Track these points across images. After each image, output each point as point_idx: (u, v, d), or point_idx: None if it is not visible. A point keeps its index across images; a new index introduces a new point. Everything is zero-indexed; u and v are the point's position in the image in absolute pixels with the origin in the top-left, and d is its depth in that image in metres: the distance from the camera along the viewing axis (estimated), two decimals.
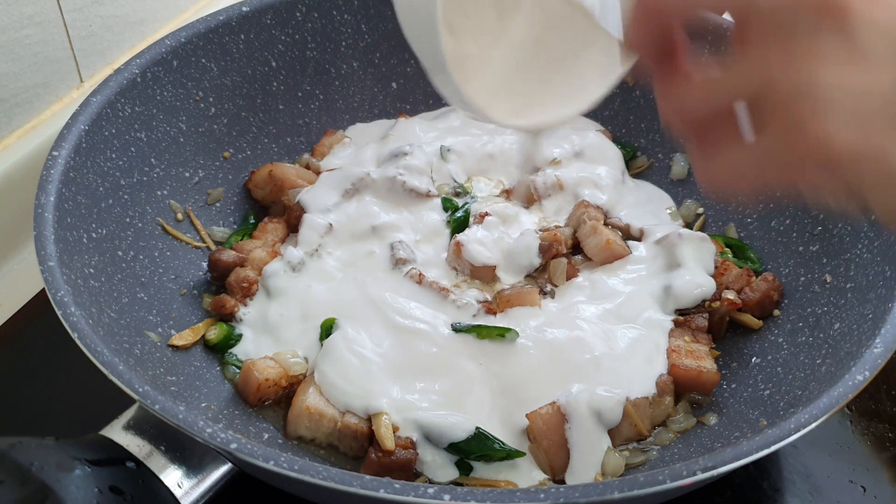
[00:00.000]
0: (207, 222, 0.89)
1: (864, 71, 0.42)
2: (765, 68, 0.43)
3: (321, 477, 0.54)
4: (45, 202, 0.71)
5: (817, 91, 0.42)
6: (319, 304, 0.79)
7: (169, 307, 0.80)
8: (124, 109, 0.82)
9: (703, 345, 0.78)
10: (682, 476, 0.55)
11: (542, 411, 0.70)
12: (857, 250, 0.76)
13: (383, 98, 1.02)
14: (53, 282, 0.66)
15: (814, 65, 0.42)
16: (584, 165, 0.92)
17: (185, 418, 0.58)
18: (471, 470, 0.70)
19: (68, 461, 0.58)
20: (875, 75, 0.42)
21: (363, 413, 0.71)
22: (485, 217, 0.86)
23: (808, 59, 0.42)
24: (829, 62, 0.42)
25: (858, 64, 0.42)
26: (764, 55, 0.44)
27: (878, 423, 0.78)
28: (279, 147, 0.97)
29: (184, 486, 0.62)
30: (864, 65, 0.42)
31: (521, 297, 0.79)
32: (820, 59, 0.42)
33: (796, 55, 0.42)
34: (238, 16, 0.91)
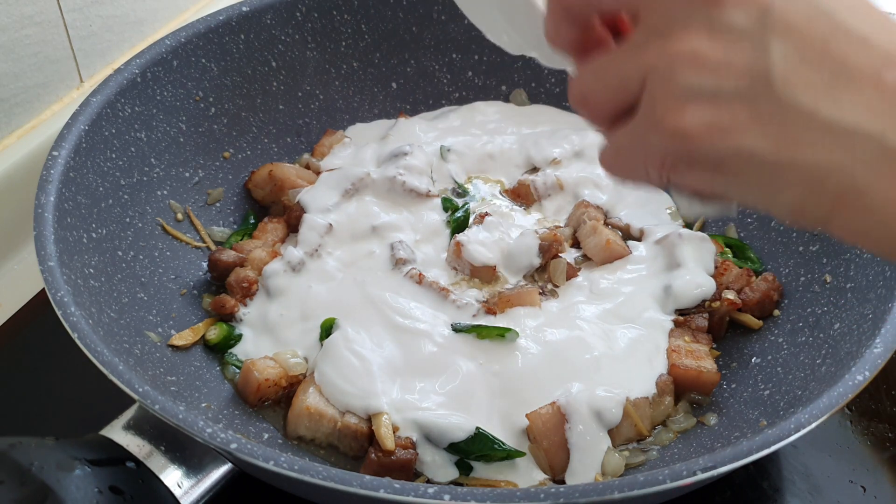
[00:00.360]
0: (207, 222, 0.89)
1: (722, 49, 0.42)
2: (643, 53, 0.45)
3: (321, 477, 0.54)
4: (45, 202, 0.71)
5: (675, 74, 0.43)
6: (319, 304, 0.79)
7: (169, 307, 0.80)
8: (124, 109, 0.82)
9: (703, 345, 0.78)
10: (682, 476, 0.55)
11: (542, 411, 0.70)
12: (857, 250, 0.76)
13: (383, 98, 1.02)
14: (53, 282, 0.66)
15: (676, 45, 0.43)
16: (584, 165, 0.92)
17: (185, 418, 0.58)
18: (471, 470, 0.70)
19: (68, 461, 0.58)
20: (732, 54, 0.42)
21: (363, 413, 0.71)
22: (485, 217, 0.86)
23: (673, 42, 0.43)
24: (692, 40, 0.43)
25: (717, 41, 0.42)
26: (644, 40, 0.45)
27: (878, 423, 0.78)
28: (279, 147, 0.97)
29: (184, 486, 0.62)
30: (724, 44, 0.42)
31: (521, 297, 0.79)
32: (684, 41, 0.43)
33: (667, 39, 0.44)
34: (238, 16, 0.91)
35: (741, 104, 0.42)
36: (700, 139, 0.43)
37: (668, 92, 0.44)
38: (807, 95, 0.42)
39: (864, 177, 0.42)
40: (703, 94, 0.43)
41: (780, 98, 0.42)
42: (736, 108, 0.43)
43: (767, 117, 0.42)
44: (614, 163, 0.49)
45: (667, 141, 0.44)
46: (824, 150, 0.42)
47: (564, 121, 0.99)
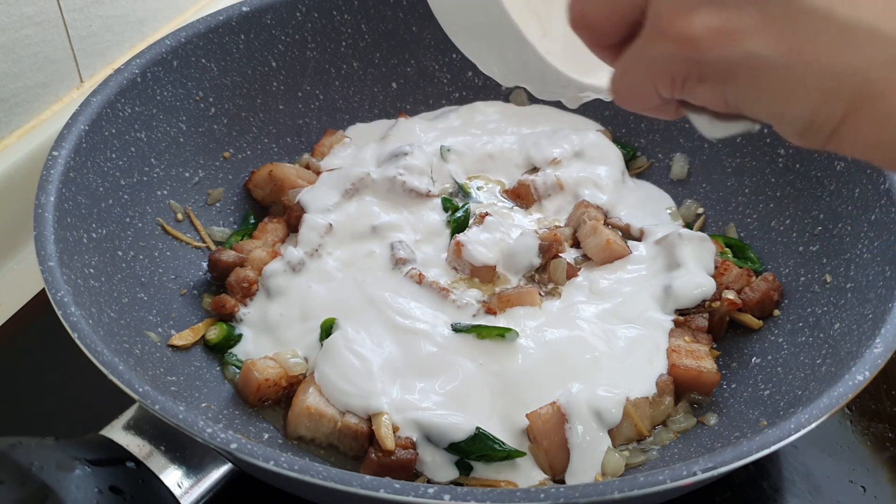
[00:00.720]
0: (207, 222, 0.89)
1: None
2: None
3: (321, 477, 0.54)
4: (45, 202, 0.71)
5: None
6: (319, 304, 0.79)
7: (169, 307, 0.80)
8: (124, 109, 0.82)
9: (703, 345, 0.78)
10: (682, 476, 0.55)
11: (542, 411, 0.70)
12: (857, 250, 0.76)
13: (383, 98, 1.02)
14: (53, 282, 0.66)
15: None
16: (585, 165, 0.92)
17: (185, 418, 0.58)
18: (471, 470, 0.70)
19: (68, 461, 0.58)
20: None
21: (363, 413, 0.71)
22: (485, 217, 0.86)
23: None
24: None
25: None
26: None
27: (878, 423, 0.78)
28: (279, 147, 0.97)
29: (184, 485, 0.62)
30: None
31: (521, 297, 0.79)
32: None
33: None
34: (238, 16, 0.91)
35: (751, 7, 0.41)
36: (709, 45, 0.42)
37: (678, 5, 0.42)
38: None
39: (882, 80, 0.40)
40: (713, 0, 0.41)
41: (790, 1, 0.41)
42: (746, 12, 0.41)
43: (779, 20, 0.41)
44: (623, 88, 0.48)
45: (675, 49, 0.43)
46: (839, 52, 0.41)
47: (564, 121, 0.99)
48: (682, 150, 0.96)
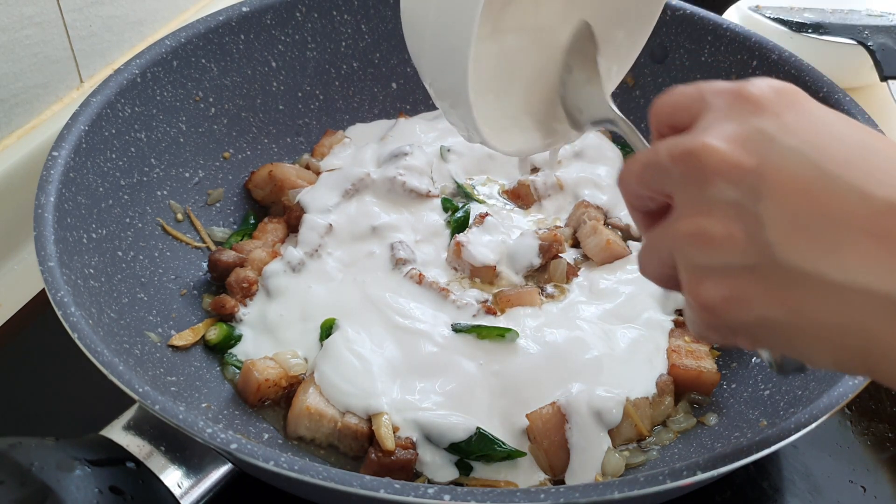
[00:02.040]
0: (207, 222, 0.89)
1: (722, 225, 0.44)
2: (666, 236, 0.48)
3: (321, 477, 0.54)
4: (45, 202, 0.71)
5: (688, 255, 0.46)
6: (319, 305, 0.79)
7: (169, 307, 0.80)
8: (124, 110, 0.82)
9: (703, 345, 0.78)
10: (682, 476, 0.55)
11: (543, 411, 0.70)
12: None
13: (383, 98, 1.02)
14: (53, 282, 0.66)
15: (683, 227, 0.46)
16: (584, 165, 0.92)
17: (185, 418, 0.58)
18: (470, 470, 0.70)
19: (68, 461, 0.58)
20: (732, 228, 0.44)
21: (363, 413, 0.71)
22: (485, 217, 0.86)
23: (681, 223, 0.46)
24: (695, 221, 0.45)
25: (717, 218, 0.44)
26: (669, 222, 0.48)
27: (878, 423, 0.78)
28: (279, 147, 0.97)
29: (184, 486, 0.62)
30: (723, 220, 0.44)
31: (521, 297, 0.79)
32: (689, 222, 0.45)
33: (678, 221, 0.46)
34: (238, 16, 0.91)
35: (750, 276, 0.44)
36: (722, 312, 0.45)
37: (686, 271, 0.46)
38: (807, 260, 0.42)
39: (884, 334, 0.42)
40: (715, 271, 0.45)
41: (782, 266, 0.43)
42: (747, 280, 0.44)
43: (776, 286, 0.43)
44: (644, 260, 0.52)
45: (702, 315, 0.47)
46: (835, 312, 0.42)
47: None
48: None
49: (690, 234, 0.45)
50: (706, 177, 0.44)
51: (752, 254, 0.43)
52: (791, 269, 0.42)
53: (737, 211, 0.43)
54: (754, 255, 0.43)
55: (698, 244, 0.45)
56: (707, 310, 0.46)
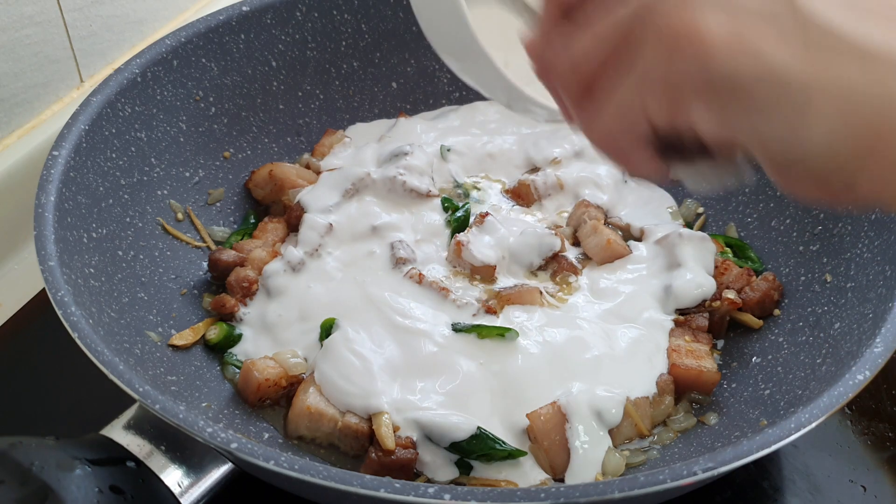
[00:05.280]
0: (207, 222, 0.89)
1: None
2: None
3: (321, 476, 0.54)
4: (46, 202, 0.71)
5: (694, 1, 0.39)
6: (319, 304, 0.79)
7: (169, 307, 0.80)
8: (124, 109, 0.82)
9: (703, 344, 0.78)
10: (682, 476, 0.55)
11: (543, 411, 0.70)
12: (857, 250, 0.76)
13: (383, 98, 1.02)
14: (53, 282, 0.66)
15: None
16: (585, 165, 0.92)
17: (186, 418, 0.58)
18: (471, 469, 0.70)
19: (68, 461, 0.58)
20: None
21: (363, 413, 0.71)
22: (485, 217, 0.86)
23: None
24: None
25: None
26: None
27: (878, 422, 0.78)
28: (279, 147, 0.97)
29: (184, 485, 0.62)
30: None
31: (522, 297, 0.79)
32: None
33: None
34: (238, 15, 0.91)
35: (764, 20, 0.38)
36: (721, 54, 0.38)
37: (682, 5, 0.39)
38: (835, 15, 0.38)
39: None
40: (723, 5, 0.38)
41: (805, 15, 0.38)
42: (759, 24, 0.38)
43: (793, 35, 0.38)
44: (608, 123, 0.43)
45: (682, 63, 0.39)
46: (858, 72, 0.37)
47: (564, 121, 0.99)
48: None
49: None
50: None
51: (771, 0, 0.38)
52: (815, 21, 0.38)
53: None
54: (774, 1, 0.38)
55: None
56: (698, 50, 0.38)
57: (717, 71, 0.38)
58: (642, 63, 0.40)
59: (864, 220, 0.77)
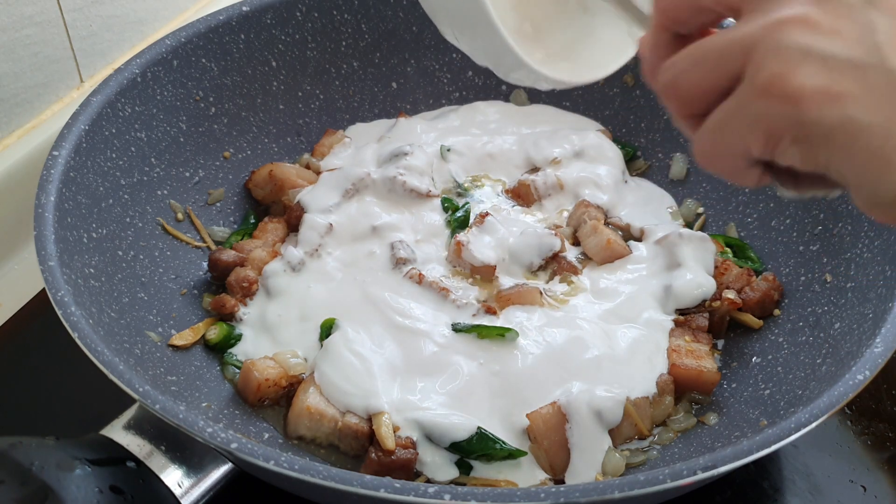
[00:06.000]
0: (208, 222, 0.89)
1: (831, 18, 0.42)
2: (747, 28, 0.44)
3: (321, 477, 0.54)
4: (46, 202, 0.71)
5: (786, 36, 0.42)
6: (319, 304, 0.79)
7: (169, 307, 0.80)
8: (124, 109, 0.82)
9: (703, 344, 0.78)
10: (682, 475, 0.55)
11: (543, 411, 0.70)
12: (857, 250, 0.76)
13: (383, 98, 1.02)
14: (54, 282, 0.66)
15: (785, 13, 0.42)
16: (585, 165, 0.92)
17: (186, 418, 0.58)
18: (470, 469, 0.70)
19: (69, 461, 0.58)
20: (841, 23, 0.42)
21: (364, 413, 0.71)
22: (485, 217, 0.86)
23: (781, 11, 0.43)
24: (800, 8, 0.42)
25: (826, 11, 0.42)
26: (747, 20, 0.44)
27: (878, 422, 0.78)
28: (279, 147, 0.97)
29: (184, 485, 0.62)
30: (832, 14, 0.42)
31: (522, 297, 0.79)
32: (793, 8, 0.42)
33: (772, 12, 0.43)
34: (238, 15, 0.91)
35: (853, 73, 0.41)
36: (811, 104, 0.41)
37: (778, 53, 0.42)
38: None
39: None
40: (814, 57, 0.42)
41: (892, 72, 0.41)
42: (848, 77, 0.41)
43: (879, 90, 0.41)
44: (710, 148, 0.47)
45: (775, 106, 0.42)
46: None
47: (564, 121, 0.99)
48: (682, 149, 0.96)
49: (794, 17, 0.42)
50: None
51: (863, 51, 0.41)
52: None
53: (848, 11, 0.42)
54: (864, 52, 0.41)
55: (802, 26, 0.42)
56: (790, 98, 0.42)
57: (806, 118, 0.42)
58: (741, 99, 0.44)
59: (864, 220, 0.77)
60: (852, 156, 0.42)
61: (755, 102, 0.43)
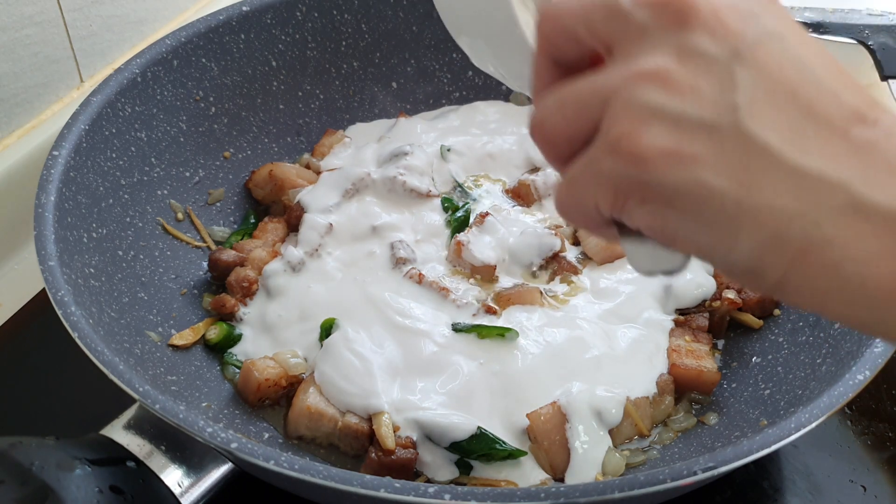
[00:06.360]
0: (208, 222, 0.89)
1: (690, 74, 0.40)
2: (606, 76, 0.42)
3: (321, 476, 0.54)
4: (46, 202, 0.71)
5: (638, 91, 0.41)
6: (319, 304, 0.79)
7: (169, 307, 0.80)
8: (124, 109, 0.82)
9: (703, 344, 0.78)
10: (682, 475, 0.55)
11: (543, 411, 0.70)
12: None
13: (383, 98, 1.02)
14: (54, 281, 0.66)
15: (642, 64, 0.41)
16: None
17: (186, 418, 0.58)
18: (471, 469, 0.70)
19: (69, 461, 0.58)
20: (700, 80, 0.40)
21: (364, 413, 0.71)
22: (485, 217, 0.86)
23: (639, 61, 0.41)
24: (658, 60, 0.40)
25: (686, 65, 0.40)
26: (611, 65, 0.42)
27: (878, 422, 0.78)
28: (279, 147, 0.97)
29: (184, 485, 0.62)
30: (692, 69, 0.40)
31: (522, 297, 0.79)
32: (651, 60, 0.41)
33: (633, 60, 0.41)
34: (238, 15, 0.91)
35: (704, 135, 0.40)
36: (657, 165, 0.40)
37: (628, 111, 0.41)
38: (773, 136, 0.39)
39: (830, 227, 0.39)
40: (664, 116, 0.40)
41: (745, 134, 0.39)
42: (698, 138, 0.40)
43: (730, 153, 0.40)
44: (564, 199, 0.45)
45: (621, 166, 0.41)
46: (788, 194, 0.39)
47: None
48: None
49: (649, 72, 0.40)
50: (687, 24, 0.40)
51: (716, 111, 0.39)
52: (754, 140, 0.39)
53: (710, 66, 0.40)
54: (718, 113, 0.39)
55: (657, 82, 0.40)
56: (637, 158, 0.40)
57: (653, 179, 0.40)
58: (593, 154, 0.43)
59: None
60: (702, 221, 0.41)
61: (604, 159, 0.42)
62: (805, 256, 0.40)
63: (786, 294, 0.42)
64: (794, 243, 0.40)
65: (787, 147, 0.39)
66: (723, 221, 0.40)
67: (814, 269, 0.40)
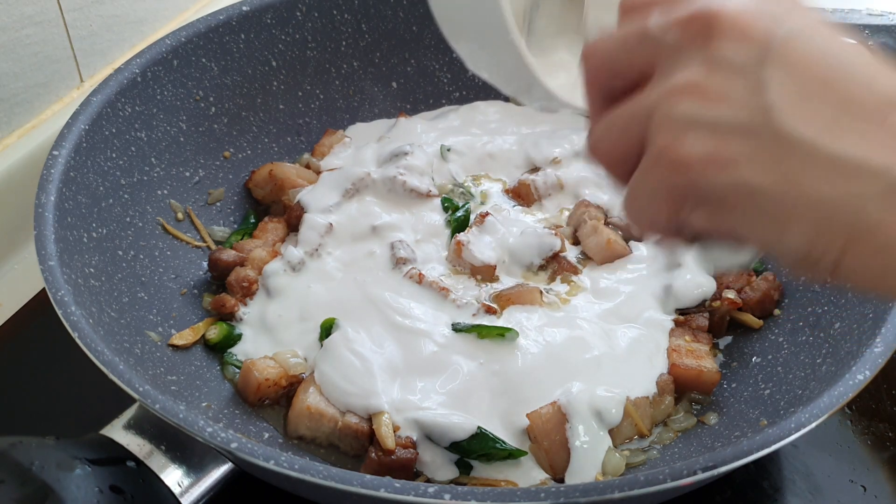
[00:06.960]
0: (208, 222, 0.89)
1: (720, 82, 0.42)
2: (648, 96, 0.45)
3: (321, 476, 0.54)
4: (46, 202, 0.71)
5: (674, 106, 0.43)
6: (319, 304, 0.79)
7: (169, 307, 0.80)
8: (124, 109, 0.82)
9: (703, 344, 0.78)
10: (682, 475, 0.55)
11: (543, 411, 0.70)
12: None
13: (383, 98, 1.02)
14: (54, 281, 0.66)
15: (676, 81, 0.43)
16: (585, 165, 0.92)
17: (186, 418, 0.58)
18: (470, 469, 0.70)
19: (69, 461, 0.58)
20: (730, 86, 0.42)
21: (364, 413, 0.71)
22: (485, 217, 0.86)
23: (674, 79, 0.43)
24: (690, 75, 0.43)
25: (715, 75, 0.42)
26: (651, 86, 0.45)
27: (878, 422, 0.78)
28: (279, 147, 0.97)
29: (184, 485, 0.62)
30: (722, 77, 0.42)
31: (522, 297, 0.79)
32: (684, 76, 0.43)
33: (669, 78, 0.44)
34: (238, 15, 0.91)
35: (740, 137, 0.42)
36: (699, 171, 0.43)
37: (667, 124, 0.43)
38: (808, 129, 0.41)
39: (876, 212, 0.40)
40: (701, 125, 0.42)
41: (779, 131, 0.41)
42: (735, 141, 0.42)
43: (767, 151, 0.42)
44: (630, 213, 0.49)
45: (668, 175, 0.44)
46: (829, 184, 0.41)
47: (564, 121, 0.99)
48: None
49: (682, 87, 0.43)
50: (711, 36, 0.42)
51: (749, 114, 0.42)
52: (788, 136, 0.41)
53: (739, 72, 0.42)
54: (751, 115, 0.42)
55: (690, 95, 0.43)
56: (680, 167, 0.43)
57: (699, 184, 0.43)
58: (643, 168, 0.46)
59: None
60: (752, 217, 0.43)
61: (653, 171, 0.45)
62: (856, 241, 0.41)
63: (844, 278, 0.43)
64: (842, 230, 0.41)
65: (824, 138, 0.41)
66: (771, 216, 0.42)
67: (866, 253, 0.41)
